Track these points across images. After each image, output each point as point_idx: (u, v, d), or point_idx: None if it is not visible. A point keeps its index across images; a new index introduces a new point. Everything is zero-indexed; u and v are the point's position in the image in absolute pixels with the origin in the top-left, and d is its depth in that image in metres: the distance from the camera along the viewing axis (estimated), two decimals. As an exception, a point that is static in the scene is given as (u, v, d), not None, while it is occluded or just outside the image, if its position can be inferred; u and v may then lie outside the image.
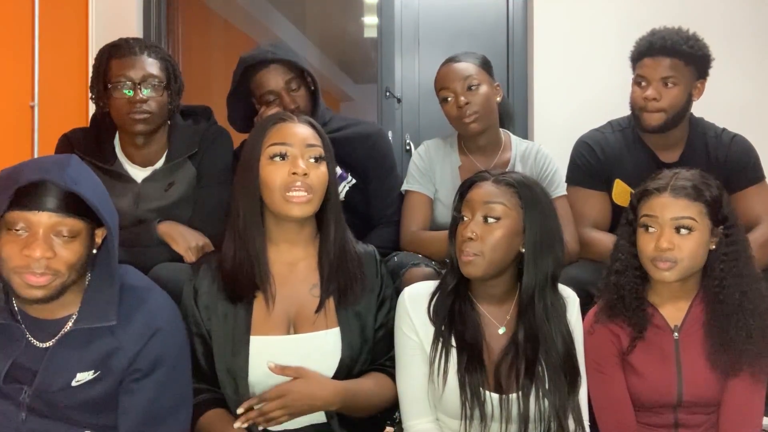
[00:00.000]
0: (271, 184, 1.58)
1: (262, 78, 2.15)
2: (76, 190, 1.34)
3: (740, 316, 1.60)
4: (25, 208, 1.33)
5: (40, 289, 1.36)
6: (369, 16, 4.16)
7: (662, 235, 1.60)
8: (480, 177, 1.62)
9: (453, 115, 2.14)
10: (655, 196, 1.63)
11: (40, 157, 1.49)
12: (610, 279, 1.69)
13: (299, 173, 1.56)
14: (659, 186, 1.63)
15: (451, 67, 2.15)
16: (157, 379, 1.46)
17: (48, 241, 1.34)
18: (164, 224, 1.94)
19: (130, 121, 1.97)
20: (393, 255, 2.04)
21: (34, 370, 1.43)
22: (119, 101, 1.97)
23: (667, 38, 2.07)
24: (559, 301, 1.60)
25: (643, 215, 1.64)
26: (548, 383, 1.54)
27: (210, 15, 4.73)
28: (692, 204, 1.60)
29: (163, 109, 2.02)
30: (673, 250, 1.59)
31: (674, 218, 1.60)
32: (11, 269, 1.35)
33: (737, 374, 1.61)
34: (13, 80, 2.78)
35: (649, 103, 2.08)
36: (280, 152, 1.59)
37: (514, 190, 1.57)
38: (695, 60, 2.08)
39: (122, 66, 1.97)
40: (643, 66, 2.10)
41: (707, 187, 1.62)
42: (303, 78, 2.19)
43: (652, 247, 1.61)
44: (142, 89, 1.96)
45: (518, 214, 1.56)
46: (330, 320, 1.63)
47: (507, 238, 1.55)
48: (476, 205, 1.57)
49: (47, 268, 1.35)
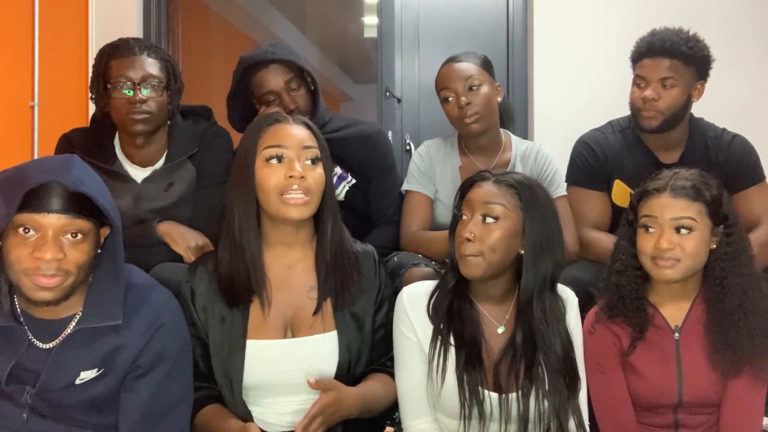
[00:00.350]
0: (267, 187, 1.56)
1: (261, 78, 2.15)
2: (84, 191, 1.35)
3: (741, 316, 1.60)
4: (33, 210, 1.33)
5: (51, 290, 1.36)
6: (369, 16, 4.16)
7: (662, 235, 1.60)
8: (481, 177, 1.62)
9: (454, 116, 2.14)
10: (654, 197, 1.62)
11: (42, 158, 1.48)
12: (610, 279, 1.69)
13: (296, 176, 1.54)
14: (659, 186, 1.63)
15: (452, 67, 2.15)
16: (157, 376, 1.47)
17: (58, 243, 1.35)
18: (164, 224, 1.94)
19: (130, 121, 1.97)
20: (393, 255, 2.04)
21: (37, 371, 1.43)
22: (119, 101, 1.97)
23: (667, 39, 2.06)
24: (557, 303, 1.60)
25: (642, 215, 1.64)
26: (548, 384, 1.54)
27: (210, 15, 4.73)
28: (692, 204, 1.60)
29: (163, 109, 2.02)
30: (674, 250, 1.59)
31: (674, 218, 1.59)
32: (21, 271, 1.35)
33: (738, 374, 1.61)
34: (13, 80, 2.77)
35: (648, 103, 2.08)
36: (276, 154, 1.57)
37: (514, 191, 1.57)
38: (695, 61, 2.07)
39: (122, 66, 1.97)
40: (643, 67, 2.10)
41: (707, 187, 1.62)
42: (303, 78, 2.19)
43: (652, 246, 1.61)
44: (141, 89, 1.96)
45: (518, 215, 1.56)
46: (327, 323, 1.63)
47: (506, 239, 1.55)
48: (476, 204, 1.57)
49: (58, 270, 1.35)
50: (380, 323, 1.69)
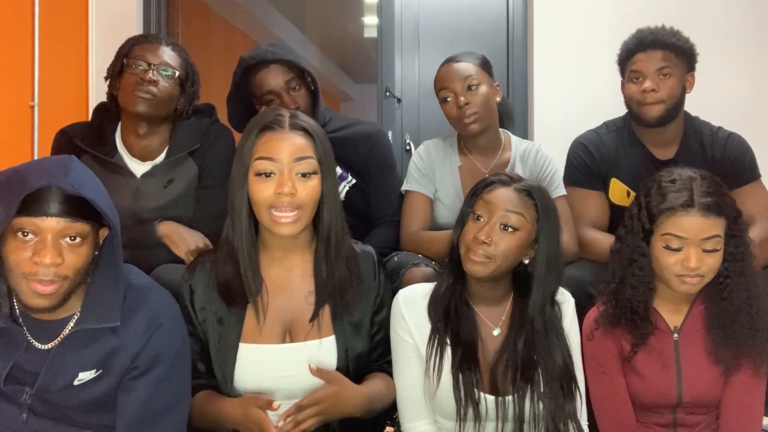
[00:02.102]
0: (259, 201, 1.53)
1: (262, 78, 2.15)
2: (82, 193, 1.34)
3: (745, 312, 1.60)
4: (32, 214, 1.32)
5: (47, 297, 1.36)
6: (369, 16, 4.16)
7: (690, 254, 1.55)
8: (501, 181, 1.61)
9: (453, 116, 2.14)
10: (682, 215, 1.56)
11: (39, 160, 1.46)
12: (623, 293, 1.64)
13: (285, 193, 1.51)
14: (684, 202, 1.55)
15: (451, 67, 2.15)
16: (155, 377, 1.46)
17: (57, 247, 1.34)
18: (164, 225, 1.94)
19: (134, 99, 1.98)
20: (393, 255, 2.04)
21: (35, 371, 1.43)
22: (130, 77, 1.99)
23: (656, 33, 2.12)
24: (555, 311, 1.61)
25: (666, 233, 1.57)
26: (544, 388, 1.54)
27: (210, 15, 4.73)
28: (718, 221, 1.56)
29: (170, 100, 2.03)
30: (700, 267, 1.56)
31: (705, 239, 1.55)
32: (20, 275, 1.35)
33: (738, 370, 1.61)
34: (13, 80, 2.78)
35: (648, 95, 2.09)
36: (266, 170, 1.53)
37: (532, 202, 1.57)
38: (683, 52, 2.11)
39: (143, 49, 2.02)
40: (637, 61, 2.12)
41: (726, 199, 1.59)
42: (303, 78, 2.19)
43: (679, 265, 1.56)
44: (155, 72, 1.99)
45: (533, 227, 1.57)
46: (326, 328, 1.61)
47: (519, 249, 1.56)
48: (495, 209, 1.56)
49: (56, 275, 1.35)
50: (379, 325, 1.69)
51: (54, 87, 2.92)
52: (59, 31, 3.00)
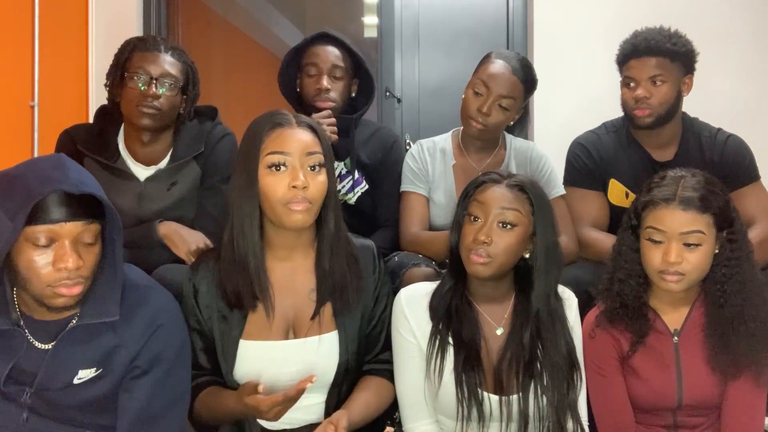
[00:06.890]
0: (272, 196, 1.53)
1: (317, 48, 2.20)
2: (88, 191, 1.34)
3: (741, 321, 1.59)
4: (46, 221, 1.32)
5: (73, 297, 1.37)
6: (369, 16, 4.15)
7: (670, 248, 1.56)
8: (491, 179, 1.61)
9: (471, 109, 2.10)
10: (662, 207, 1.57)
11: (31, 164, 1.41)
12: (612, 287, 1.66)
13: (299, 186, 1.52)
14: (666, 196, 1.57)
15: (504, 72, 2.11)
16: (155, 377, 1.46)
17: (77, 250, 1.35)
18: (165, 225, 1.94)
19: (138, 113, 1.97)
20: (393, 255, 2.04)
21: (35, 372, 1.43)
22: (132, 91, 1.98)
23: (650, 38, 2.10)
24: (560, 304, 1.61)
25: (649, 226, 1.59)
26: (547, 381, 1.54)
27: (210, 15, 4.73)
28: (700, 216, 1.55)
29: (173, 109, 2.03)
30: (681, 264, 1.56)
31: (683, 233, 1.55)
32: (44, 284, 1.34)
33: (738, 377, 1.60)
34: (13, 80, 2.77)
35: (640, 102, 2.10)
36: (279, 162, 1.54)
37: (526, 196, 1.58)
38: (680, 56, 2.10)
39: (143, 59, 2.00)
40: (630, 68, 2.13)
41: (714, 196, 1.58)
42: (349, 77, 2.23)
43: (659, 260, 1.57)
44: (157, 85, 1.97)
45: (529, 221, 1.57)
46: (328, 323, 1.63)
47: (518, 245, 1.57)
48: (491, 208, 1.56)
49: (79, 277, 1.36)
50: (378, 317, 1.69)
51: (54, 87, 2.92)
52: (59, 31, 3.00)
